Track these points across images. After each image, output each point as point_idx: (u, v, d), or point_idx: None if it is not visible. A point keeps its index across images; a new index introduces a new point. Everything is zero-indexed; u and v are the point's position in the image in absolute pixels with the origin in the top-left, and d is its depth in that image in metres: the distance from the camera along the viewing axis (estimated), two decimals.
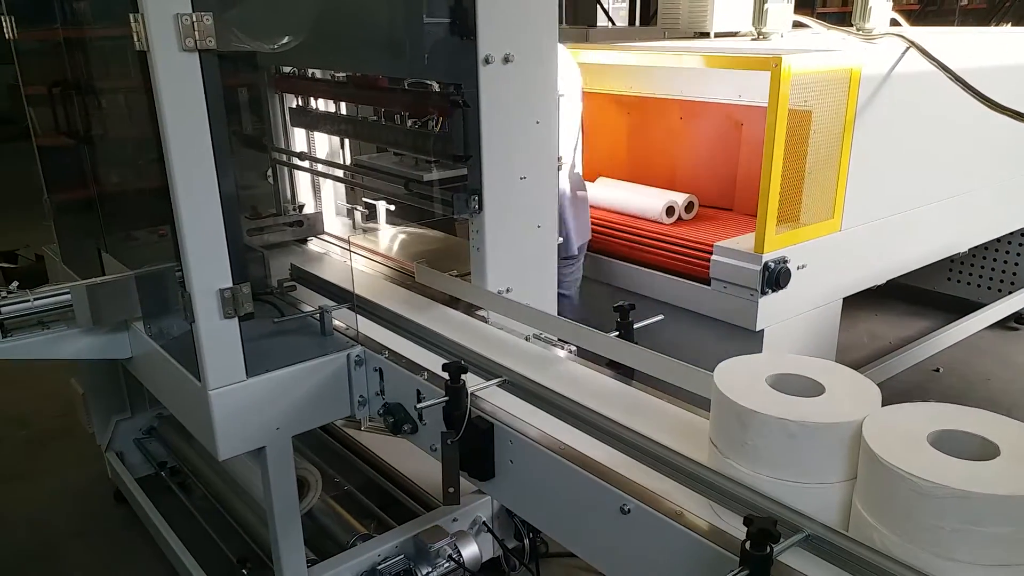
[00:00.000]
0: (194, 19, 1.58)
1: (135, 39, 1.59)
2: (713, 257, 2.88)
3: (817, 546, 1.17)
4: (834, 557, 1.16)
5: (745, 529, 1.09)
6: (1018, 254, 4.46)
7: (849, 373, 1.36)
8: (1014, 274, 4.50)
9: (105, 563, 2.87)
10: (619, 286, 3.21)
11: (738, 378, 1.33)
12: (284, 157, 3.03)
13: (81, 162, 2.65)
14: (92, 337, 2.25)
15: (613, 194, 3.45)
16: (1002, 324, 4.51)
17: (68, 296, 2.17)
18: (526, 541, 2.55)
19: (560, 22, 2.42)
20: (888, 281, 3.42)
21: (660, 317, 1.92)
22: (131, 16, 1.58)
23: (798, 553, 1.17)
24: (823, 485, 1.22)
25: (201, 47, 1.60)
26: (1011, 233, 4.29)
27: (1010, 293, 4.46)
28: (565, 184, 2.84)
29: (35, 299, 2.16)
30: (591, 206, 3.48)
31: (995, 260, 4.56)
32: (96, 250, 2.51)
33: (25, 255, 5.31)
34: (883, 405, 1.26)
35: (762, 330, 2.84)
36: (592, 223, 3.35)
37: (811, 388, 1.31)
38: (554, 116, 2.18)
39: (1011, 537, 1.04)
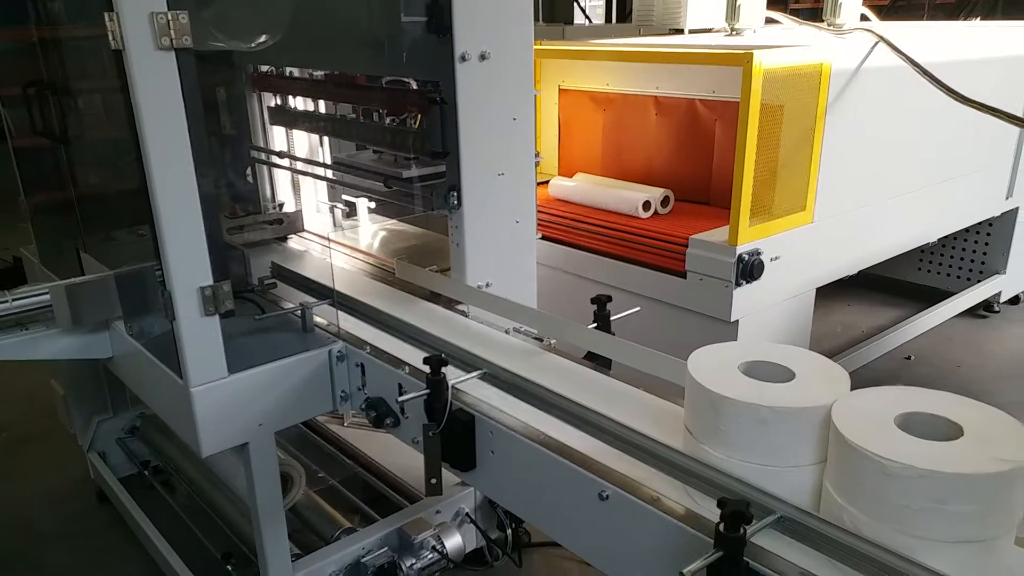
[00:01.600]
0: (169, 18, 1.58)
1: (110, 38, 1.59)
2: (688, 250, 2.92)
3: (789, 527, 1.21)
4: (805, 538, 1.19)
5: (719, 512, 1.13)
6: (986, 243, 4.55)
7: (819, 359, 1.39)
8: (983, 263, 4.60)
9: (89, 564, 2.86)
10: (596, 280, 3.25)
11: (711, 365, 1.36)
12: (263, 155, 3.03)
13: (58, 163, 2.64)
14: (72, 337, 2.24)
15: (590, 190, 3.49)
16: (972, 312, 4.61)
17: (47, 296, 2.16)
18: (509, 531, 2.58)
19: (537, 20, 2.45)
20: (860, 271, 3.48)
21: (637, 309, 1.95)
22: (106, 15, 1.57)
23: (771, 534, 1.21)
24: (795, 468, 1.26)
25: (177, 46, 1.60)
26: (979, 223, 4.37)
27: (979, 282, 4.55)
28: None
29: (13, 300, 2.16)
30: (569, 202, 3.52)
31: (964, 250, 4.65)
32: (75, 250, 2.50)
33: (2, 257, 5.26)
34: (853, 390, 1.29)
35: (737, 321, 2.89)
36: (570, 219, 3.38)
37: (782, 374, 1.35)
38: (531, 112, 2.21)
39: (975, 514, 1.07)
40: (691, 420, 1.37)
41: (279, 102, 2.93)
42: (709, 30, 3.90)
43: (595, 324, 1.87)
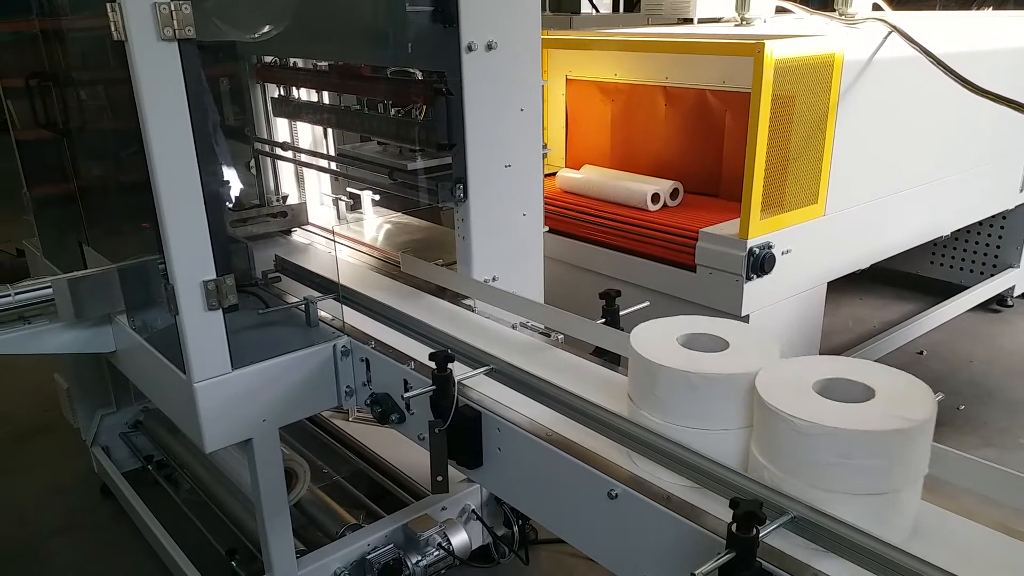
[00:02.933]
0: (172, 8, 1.56)
1: (113, 29, 1.57)
2: (698, 243, 2.89)
3: (803, 527, 1.18)
4: (819, 538, 1.17)
5: (731, 512, 1.10)
6: (1000, 237, 4.50)
7: (753, 331, 1.49)
8: (996, 257, 4.55)
9: (92, 558, 2.85)
10: (605, 273, 3.21)
11: (652, 338, 1.44)
12: (267, 147, 3.01)
13: (61, 155, 2.62)
14: (75, 331, 2.23)
15: (598, 182, 3.45)
16: (984, 306, 4.56)
17: (50, 290, 2.15)
18: (515, 528, 2.56)
19: (544, 9, 2.42)
20: (872, 265, 3.44)
21: (646, 304, 1.92)
22: (108, 6, 1.56)
23: (784, 535, 1.18)
24: (725, 431, 1.34)
25: (180, 36, 1.58)
26: (993, 216, 4.32)
27: (992, 276, 4.50)
28: None
29: (16, 294, 2.14)
30: (577, 194, 3.48)
31: (977, 243, 4.61)
32: (78, 244, 2.49)
33: (6, 250, 5.26)
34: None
35: (747, 315, 2.85)
36: (577, 211, 3.35)
37: (717, 345, 1.43)
38: (539, 103, 2.18)
39: (879, 469, 1.15)
40: (632, 388, 1.45)
41: (283, 93, 2.90)
42: (719, 19, 3.85)
43: (604, 319, 1.84)
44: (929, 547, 1.10)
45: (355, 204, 3.10)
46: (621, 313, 1.86)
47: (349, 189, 3.10)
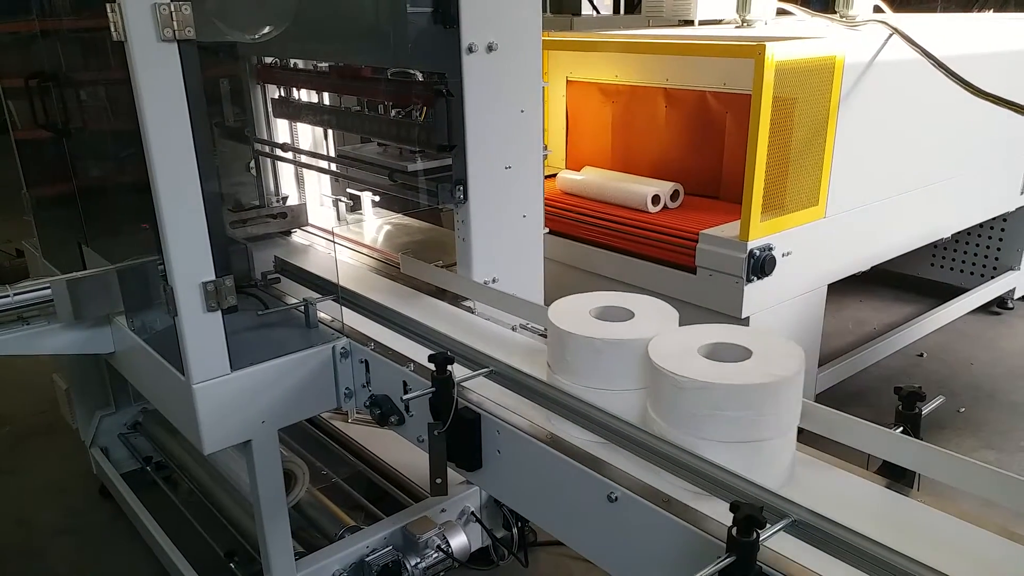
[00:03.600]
0: (172, 9, 1.56)
1: (112, 30, 1.57)
2: (699, 245, 2.89)
3: (802, 531, 1.18)
4: (819, 542, 1.16)
5: (731, 515, 1.10)
6: (1000, 239, 4.50)
7: (659, 304, 1.65)
8: (996, 259, 4.54)
9: (91, 559, 2.85)
10: (605, 275, 3.21)
11: (567, 310, 1.61)
12: (267, 148, 3.00)
13: (60, 156, 2.62)
14: (74, 332, 2.23)
15: (598, 183, 3.45)
16: (985, 309, 4.55)
17: (49, 291, 2.14)
18: (515, 530, 2.55)
19: (544, 10, 2.41)
20: (872, 267, 3.44)
21: None
22: (108, 6, 1.55)
23: (784, 538, 1.18)
24: (625, 391, 1.50)
25: (180, 37, 1.58)
26: (993, 219, 4.32)
27: (992, 278, 4.50)
28: None
29: (15, 294, 2.14)
30: (577, 195, 3.48)
31: (978, 246, 4.60)
32: (77, 244, 2.48)
33: (6, 250, 5.26)
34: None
35: (747, 317, 2.85)
36: (577, 213, 3.35)
37: (624, 315, 1.60)
38: (539, 104, 2.17)
39: (747, 419, 1.29)
40: (550, 355, 1.61)
41: (283, 94, 2.90)
42: (720, 21, 3.85)
43: None
44: (804, 495, 1.21)
45: (355, 205, 3.10)
46: None
47: (349, 190, 3.09)
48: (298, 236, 2.92)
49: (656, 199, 3.21)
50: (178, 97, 1.62)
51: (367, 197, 3.06)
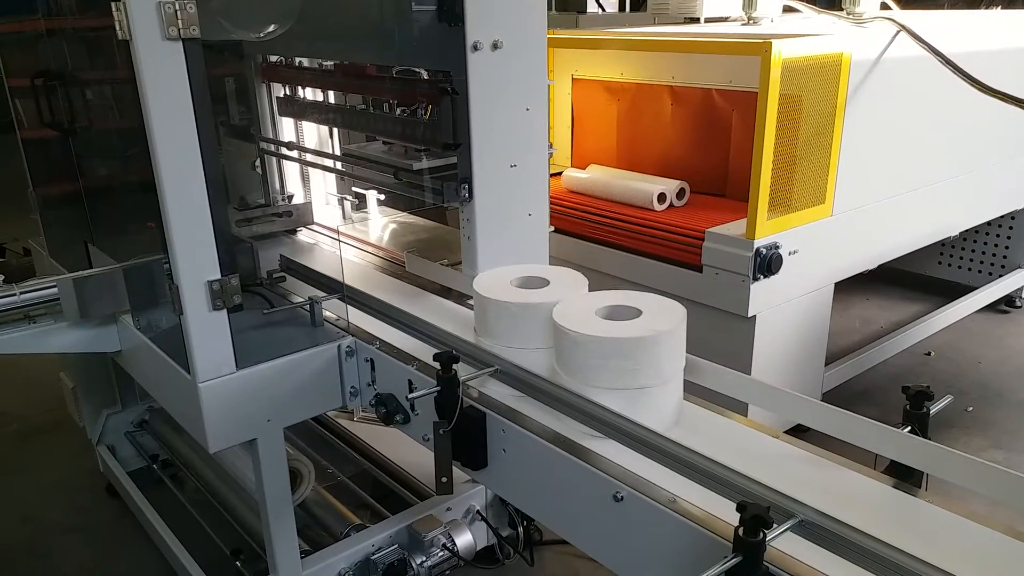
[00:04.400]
0: (177, 7, 1.55)
1: (117, 28, 1.57)
2: (705, 243, 2.88)
3: (810, 531, 1.17)
4: (827, 542, 1.16)
5: (738, 516, 1.09)
6: (1008, 237, 4.48)
7: (573, 274, 1.85)
8: (1004, 257, 4.52)
9: (97, 557, 2.86)
10: (610, 274, 3.20)
11: (491, 281, 1.82)
12: (272, 147, 3.00)
13: (66, 154, 2.62)
14: (80, 331, 2.23)
15: (604, 181, 3.44)
16: (993, 307, 4.53)
17: (55, 290, 2.15)
18: (520, 529, 2.55)
19: (550, 8, 2.41)
20: (879, 266, 3.42)
21: None
22: (113, 5, 1.55)
23: (791, 539, 1.17)
24: (537, 349, 1.69)
25: (185, 36, 1.58)
26: (1001, 217, 4.30)
27: (1000, 276, 4.47)
28: None
29: (21, 293, 2.14)
30: (583, 194, 3.47)
31: (986, 244, 4.58)
32: (83, 243, 2.49)
33: (12, 249, 5.27)
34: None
35: (754, 316, 2.84)
36: (583, 211, 3.34)
37: (541, 284, 1.81)
38: (544, 103, 2.17)
39: (630, 368, 1.47)
40: (476, 322, 1.82)
41: (288, 92, 2.90)
42: (726, 19, 3.84)
43: None
44: (689, 436, 1.36)
45: (360, 204, 3.10)
46: None
47: (354, 189, 3.09)
48: (303, 235, 2.92)
49: (662, 197, 3.20)
50: (183, 96, 1.61)
51: (372, 196, 3.05)
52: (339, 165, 2.92)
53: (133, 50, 1.56)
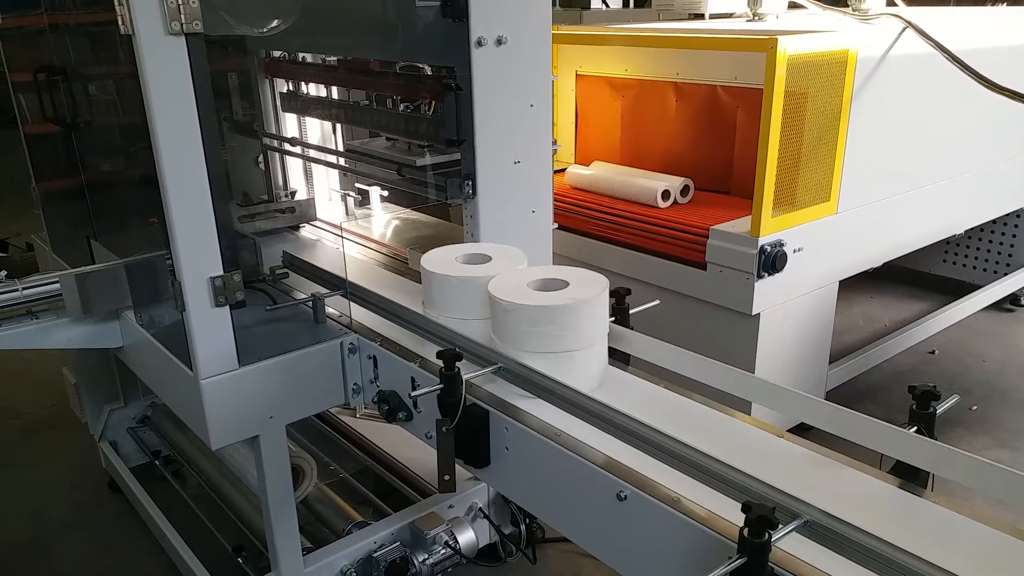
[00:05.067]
0: (179, 2, 1.55)
1: (120, 23, 1.56)
2: (709, 241, 2.87)
3: (815, 532, 1.16)
4: (832, 543, 1.15)
5: (743, 516, 1.08)
6: (1014, 235, 4.46)
7: (513, 251, 1.97)
8: (1010, 255, 4.50)
9: (99, 553, 2.86)
10: (614, 271, 3.19)
11: (438, 258, 1.93)
12: (275, 143, 2.99)
13: (69, 149, 2.62)
14: (83, 326, 2.22)
15: (608, 178, 3.43)
16: (998, 306, 4.52)
17: (57, 285, 2.14)
18: (522, 527, 2.55)
19: (554, 4, 2.39)
20: (884, 264, 3.41)
21: (656, 302, 1.90)
22: (115, 0, 1.54)
23: (796, 539, 1.16)
24: (476, 320, 1.81)
25: (187, 31, 1.57)
26: (1007, 215, 4.28)
27: (1006, 275, 4.46)
28: None
29: (24, 288, 2.14)
30: (586, 191, 3.46)
31: (991, 242, 4.56)
32: (86, 238, 2.48)
33: (15, 244, 5.28)
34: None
35: (758, 314, 2.83)
36: (587, 208, 3.33)
37: (484, 260, 1.91)
38: (548, 99, 2.16)
39: (554, 334, 1.61)
40: (424, 295, 1.93)
41: (291, 88, 2.89)
42: (731, 15, 3.82)
43: (614, 318, 1.82)
44: (609, 396, 1.45)
45: (363, 200, 3.09)
46: (631, 312, 1.84)
47: (358, 185, 3.09)
48: (306, 231, 2.91)
49: (666, 194, 3.19)
50: (186, 91, 1.61)
51: (376, 192, 3.05)
52: (342, 161, 2.91)
53: (136, 45, 1.55)
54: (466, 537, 2.37)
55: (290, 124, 3.01)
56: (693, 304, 2.97)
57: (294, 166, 3.09)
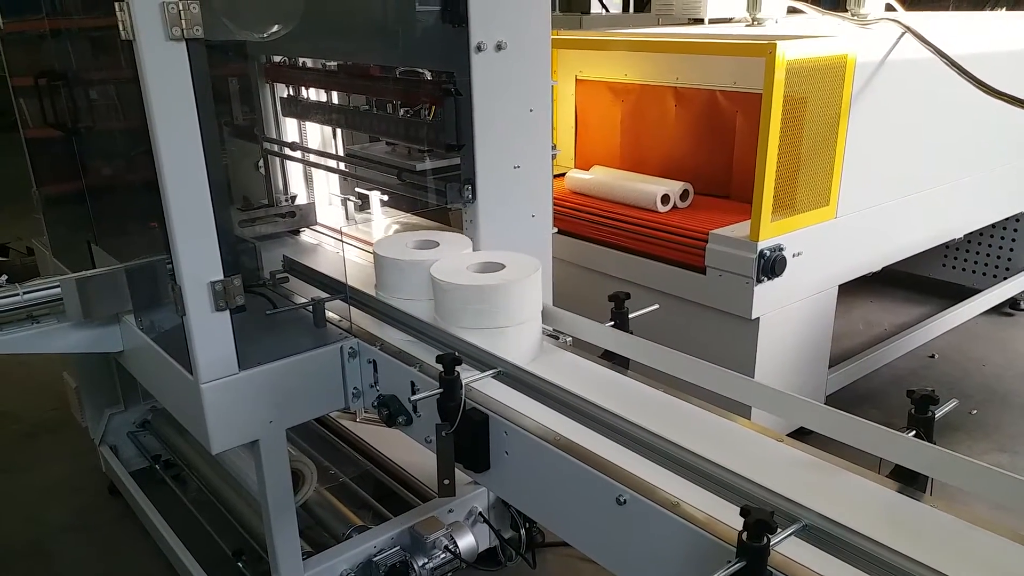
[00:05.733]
0: (180, 7, 1.55)
1: (121, 28, 1.57)
2: (708, 245, 2.87)
3: (814, 535, 1.17)
4: (831, 546, 1.15)
5: (742, 520, 1.09)
6: (1013, 240, 4.46)
7: (460, 238, 2.10)
8: (1009, 260, 4.51)
9: (99, 557, 2.86)
10: (614, 275, 3.20)
11: (390, 243, 2.12)
12: (275, 147, 3.00)
13: (70, 154, 2.62)
14: (83, 331, 2.23)
15: (607, 183, 3.43)
16: (997, 310, 4.52)
17: (58, 290, 2.15)
18: (522, 531, 2.55)
19: (553, 9, 2.40)
20: (883, 268, 3.41)
21: (655, 306, 1.90)
22: (116, 5, 1.55)
23: (795, 543, 1.16)
24: (422, 301, 1.96)
25: (188, 36, 1.58)
26: (1006, 219, 4.29)
27: (1005, 279, 4.46)
28: None
29: (24, 293, 2.14)
30: (586, 195, 3.47)
31: (990, 246, 4.56)
32: (86, 243, 2.49)
33: (16, 248, 5.28)
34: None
35: (758, 318, 2.83)
36: (586, 212, 3.33)
37: (432, 245, 2.06)
38: (548, 104, 2.16)
39: (487, 311, 1.78)
40: (376, 278, 2.08)
41: (291, 93, 2.90)
42: (730, 20, 3.83)
43: (613, 322, 1.82)
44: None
45: (363, 204, 3.09)
46: (630, 316, 1.84)
47: (358, 189, 3.09)
48: (307, 235, 2.91)
49: (665, 199, 3.20)
50: (186, 96, 1.61)
51: (376, 196, 3.05)
52: (342, 166, 2.92)
53: (136, 50, 1.56)
54: (466, 541, 2.37)
55: (290, 129, 3.02)
56: (692, 308, 2.98)
57: (294, 170, 3.09)
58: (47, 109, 2.59)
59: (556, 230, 2.34)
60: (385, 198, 3.06)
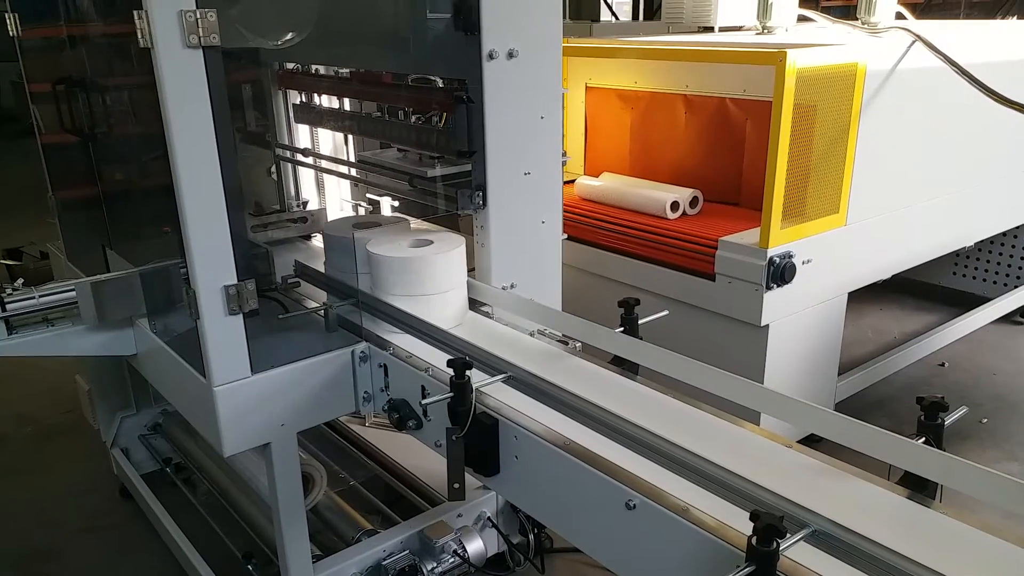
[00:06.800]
0: (198, 16, 1.57)
1: (139, 36, 1.59)
2: (718, 252, 2.87)
3: (823, 541, 1.17)
4: (841, 552, 1.15)
5: (752, 525, 1.09)
6: None
7: (401, 219, 2.43)
8: (1020, 268, 4.49)
9: (110, 559, 2.87)
10: (623, 281, 3.20)
11: (335, 225, 2.43)
12: (288, 153, 3.03)
13: (85, 159, 2.65)
14: (97, 334, 2.25)
15: (617, 189, 3.45)
16: (1008, 319, 4.50)
17: (73, 293, 2.17)
18: (531, 536, 2.55)
19: (564, 17, 2.42)
20: (893, 276, 3.41)
21: (665, 313, 1.91)
22: (135, 13, 1.57)
23: (804, 548, 1.17)
24: (363, 275, 2.17)
25: (205, 44, 1.60)
26: (1017, 227, 4.27)
27: (1016, 287, 4.44)
28: None
29: (40, 296, 2.17)
30: (596, 202, 3.48)
31: (1001, 255, 4.55)
32: (101, 247, 2.51)
33: (31, 253, 5.32)
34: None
35: (767, 325, 2.83)
36: (596, 219, 3.35)
37: (373, 226, 2.31)
38: (559, 111, 2.18)
39: (413, 280, 2.03)
40: (326, 256, 2.36)
41: (304, 100, 2.92)
42: (740, 28, 3.84)
43: (622, 328, 1.83)
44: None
45: (375, 210, 3.11)
46: (640, 322, 1.85)
47: (369, 195, 3.11)
48: (318, 240, 2.93)
49: (675, 205, 3.21)
50: (203, 103, 1.63)
51: (387, 202, 3.07)
52: (354, 172, 2.94)
53: (154, 58, 1.58)
54: (475, 546, 2.38)
55: (303, 135, 3.04)
56: (702, 315, 2.98)
57: (306, 176, 3.12)
58: (64, 115, 2.62)
59: (566, 236, 2.35)
60: (396, 204, 3.08)
